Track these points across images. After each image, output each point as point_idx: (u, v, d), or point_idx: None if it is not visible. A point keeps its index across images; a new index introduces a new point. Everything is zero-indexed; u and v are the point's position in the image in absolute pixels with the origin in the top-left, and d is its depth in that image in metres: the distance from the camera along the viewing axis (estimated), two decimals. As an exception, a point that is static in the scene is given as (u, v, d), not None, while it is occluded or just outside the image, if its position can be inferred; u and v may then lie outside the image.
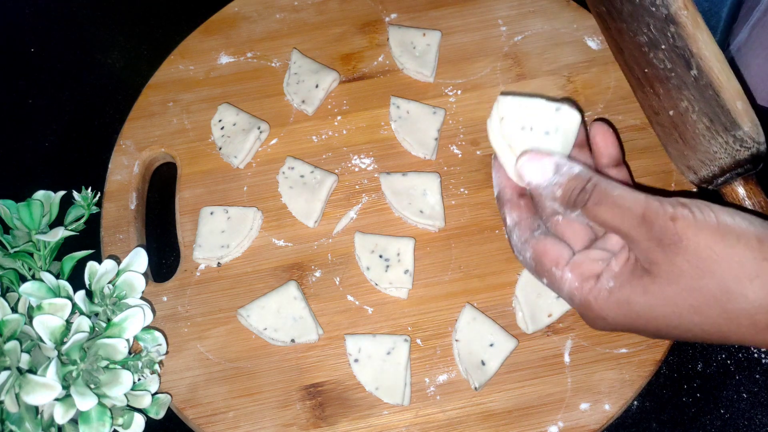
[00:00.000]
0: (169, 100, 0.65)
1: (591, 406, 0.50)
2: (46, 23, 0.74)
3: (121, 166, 0.62)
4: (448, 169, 0.60)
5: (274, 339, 0.53)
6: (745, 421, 0.51)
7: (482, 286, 0.55)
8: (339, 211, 0.59)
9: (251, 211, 0.58)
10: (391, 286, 0.54)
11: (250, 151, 0.61)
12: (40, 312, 0.47)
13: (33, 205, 0.55)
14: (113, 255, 0.57)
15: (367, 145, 0.61)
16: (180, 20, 0.70)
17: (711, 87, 0.47)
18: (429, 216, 0.57)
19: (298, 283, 0.55)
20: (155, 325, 0.55)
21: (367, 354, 0.52)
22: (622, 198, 0.38)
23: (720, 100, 0.47)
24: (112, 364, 0.47)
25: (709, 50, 0.47)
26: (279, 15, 0.68)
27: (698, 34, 0.48)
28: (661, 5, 0.48)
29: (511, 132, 0.44)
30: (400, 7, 0.68)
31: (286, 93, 0.64)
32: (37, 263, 0.54)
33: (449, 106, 0.62)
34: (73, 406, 0.45)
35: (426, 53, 0.64)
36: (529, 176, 0.41)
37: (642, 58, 0.51)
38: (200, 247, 0.57)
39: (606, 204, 0.38)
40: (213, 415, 0.52)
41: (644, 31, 0.50)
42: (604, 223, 0.39)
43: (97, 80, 0.70)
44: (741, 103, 0.47)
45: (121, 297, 0.51)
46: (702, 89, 0.48)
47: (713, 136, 0.49)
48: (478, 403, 0.51)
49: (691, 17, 0.47)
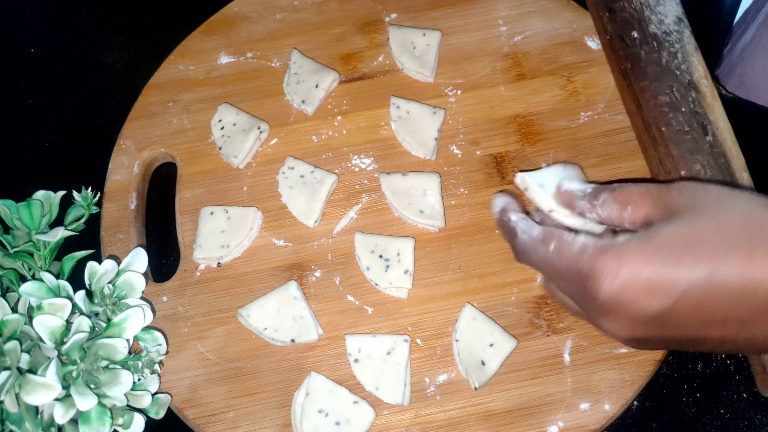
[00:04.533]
0: (169, 100, 0.65)
1: (591, 406, 0.50)
2: (46, 23, 0.74)
3: (121, 166, 0.62)
4: (448, 169, 0.60)
5: (274, 339, 0.53)
6: (745, 421, 0.51)
7: (482, 286, 0.55)
8: (339, 211, 0.59)
9: (251, 211, 0.58)
10: (391, 286, 0.54)
11: (250, 151, 0.61)
12: (40, 312, 0.47)
13: (33, 205, 0.55)
14: (113, 255, 0.57)
15: (367, 145, 0.61)
16: (180, 20, 0.70)
17: (724, 156, 0.49)
18: (429, 216, 0.57)
19: (298, 283, 0.55)
20: (155, 325, 0.55)
21: (367, 354, 0.52)
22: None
23: (731, 170, 0.50)
24: (112, 364, 0.47)
25: (723, 121, 0.50)
26: (279, 15, 0.68)
27: (715, 104, 0.50)
28: (686, 71, 0.50)
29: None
30: (400, 7, 0.68)
31: (286, 93, 0.64)
32: (37, 263, 0.54)
33: (449, 106, 0.62)
34: (73, 406, 0.45)
35: (426, 53, 0.64)
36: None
37: (661, 117, 0.53)
38: (200, 247, 0.57)
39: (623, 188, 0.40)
40: (213, 415, 0.52)
41: (666, 92, 0.52)
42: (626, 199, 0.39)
43: (97, 80, 0.70)
44: (746, 175, 0.50)
45: (121, 297, 0.51)
46: (716, 156, 0.50)
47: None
48: (478, 403, 0.51)
49: (710, 87, 0.50)
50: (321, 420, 0.49)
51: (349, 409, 0.50)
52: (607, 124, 0.61)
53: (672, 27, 0.51)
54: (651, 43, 0.52)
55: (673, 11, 0.52)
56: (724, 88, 0.64)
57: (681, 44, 0.51)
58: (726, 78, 0.67)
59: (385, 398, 0.51)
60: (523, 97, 0.62)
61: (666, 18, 0.51)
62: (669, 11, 0.52)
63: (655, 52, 0.52)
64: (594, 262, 0.37)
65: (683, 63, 0.50)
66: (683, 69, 0.50)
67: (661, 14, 0.52)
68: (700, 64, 0.50)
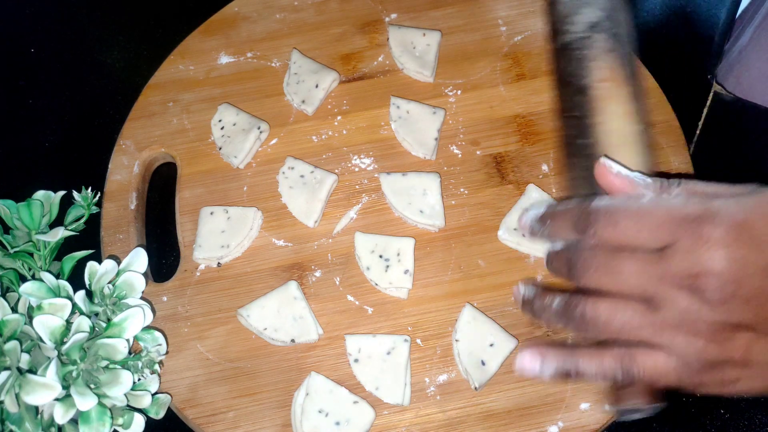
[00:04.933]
0: (169, 100, 0.65)
1: (591, 406, 0.50)
2: (46, 23, 0.74)
3: (121, 166, 0.62)
4: (448, 169, 0.60)
5: (274, 339, 0.53)
6: (745, 421, 0.51)
7: (482, 286, 0.55)
8: (339, 211, 0.59)
9: (251, 211, 0.58)
10: (391, 286, 0.54)
11: (250, 151, 0.61)
12: (40, 312, 0.47)
13: (33, 205, 0.55)
14: (113, 255, 0.57)
15: (367, 145, 0.61)
16: (180, 20, 0.70)
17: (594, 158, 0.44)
18: (429, 216, 0.57)
19: (298, 283, 0.55)
20: (155, 325, 0.55)
21: (367, 354, 0.52)
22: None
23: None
24: (112, 364, 0.47)
25: (614, 125, 0.46)
26: (279, 15, 0.68)
27: (608, 105, 0.46)
28: (579, 76, 0.48)
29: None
30: (400, 7, 0.68)
31: (286, 93, 0.64)
32: (37, 263, 0.54)
33: (449, 106, 0.62)
34: (73, 406, 0.45)
35: (426, 53, 0.64)
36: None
37: (562, 123, 0.50)
38: (200, 247, 0.57)
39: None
40: (213, 415, 0.52)
41: (564, 99, 0.50)
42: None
43: (97, 80, 0.70)
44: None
45: (121, 297, 0.51)
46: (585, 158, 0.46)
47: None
48: (478, 403, 0.51)
49: (607, 90, 0.47)
50: (321, 420, 0.49)
51: (349, 409, 0.50)
52: (607, 124, 0.60)
53: (580, 34, 0.50)
54: (558, 53, 0.51)
55: (588, 17, 0.50)
56: (724, 88, 0.65)
57: (585, 50, 0.49)
58: (725, 78, 0.67)
59: (385, 398, 0.51)
60: (523, 97, 0.62)
61: (576, 27, 0.50)
62: (583, 19, 0.50)
63: (561, 60, 0.51)
64: (706, 205, 0.36)
65: (579, 68, 0.48)
66: (577, 74, 0.48)
67: (572, 23, 0.50)
68: (604, 67, 0.48)
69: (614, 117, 0.46)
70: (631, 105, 0.46)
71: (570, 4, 0.51)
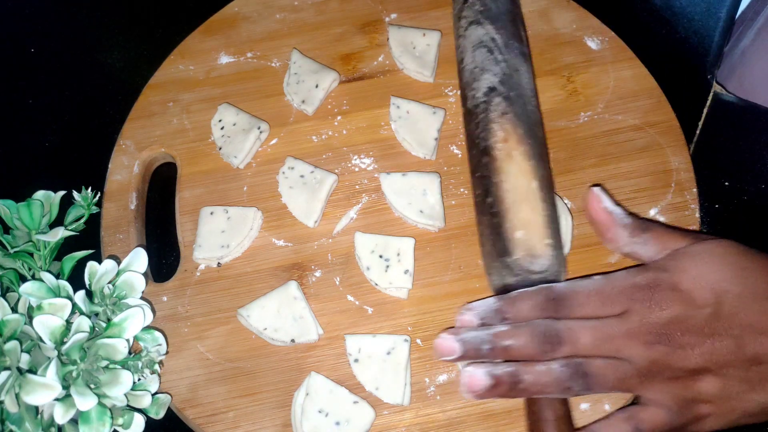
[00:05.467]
0: (169, 100, 0.65)
1: (591, 406, 0.50)
2: (46, 23, 0.74)
3: (121, 166, 0.62)
4: (448, 169, 0.60)
5: (274, 339, 0.53)
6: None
7: (482, 286, 0.55)
8: (339, 211, 0.59)
9: (251, 211, 0.58)
10: (391, 286, 0.54)
11: (250, 151, 0.61)
12: (40, 312, 0.47)
13: (33, 205, 0.55)
14: (113, 255, 0.57)
15: (367, 145, 0.61)
16: (180, 20, 0.70)
17: (498, 215, 0.50)
18: (429, 216, 0.57)
19: (298, 283, 0.55)
20: (155, 325, 0.55)
21: (367, 354, 0.52)
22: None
23: (501, 229, 0.50)
24: (112, 364, 0.47)
25: (512, 183, 0.50)
26: (279, 15, 0.68)
27: (506, 165, 0.51)
28: (483, 138, 0.53)
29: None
30: (400, 7, 0.68)
31: (286, 93, 0.64)
32: (37, 263, 0.54)
33: (449, 106, 0.62)
34: (73, 406, 0.45)
35: (426, 53, 0.64)
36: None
37: (471, 180, 0.55)
38: (200, 247, 0.57)
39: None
40: (213, 415, 0.52)
41: (471, 160, 0.55)
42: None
43: (97, 80, 0.70)
44: (522, 233, 0.49)
45: (121, 297, 0.51)
46: (493, 215, 0.51)
47: (490, 260, 0.51)
48: (478, 403, 0.51)
49: (505, 150, 0.51)
50: (321, 420, 0.50)
51: (349, 409, 0.50)
52: (607, 124, 0.61)
53: (481, 99, 0.54)
54: (466, 117, 0.57)
55: (486, 83, 0.55)
56: (724, 88, 0.65)
57: (486, 114, 0.53)
58: (726, 79, 0.67)
59: (385, 398, 0.51)
60: (523, 97, 0.62)
61: (478, 92, 0.55)
62: (482, 84, 0.55)
63: (469, 123, 0.56)
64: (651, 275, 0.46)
65: (483, 131, 0.53)
66: (482, 137, 0.53)
67: (474, 89, 0.55)
68: (501, 128, 0.52)
69: (511, 175, 0.51)
70: (527, 163, 0.51)
71: (472, 72, 0.57)
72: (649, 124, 0.60)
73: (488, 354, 0.44)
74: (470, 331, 0.45)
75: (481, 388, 0.43)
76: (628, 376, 0.44)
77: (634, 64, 0.63)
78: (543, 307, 0.45)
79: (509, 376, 0.43)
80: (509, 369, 0.44)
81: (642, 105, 0.61)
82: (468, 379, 0.44)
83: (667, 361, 0.43)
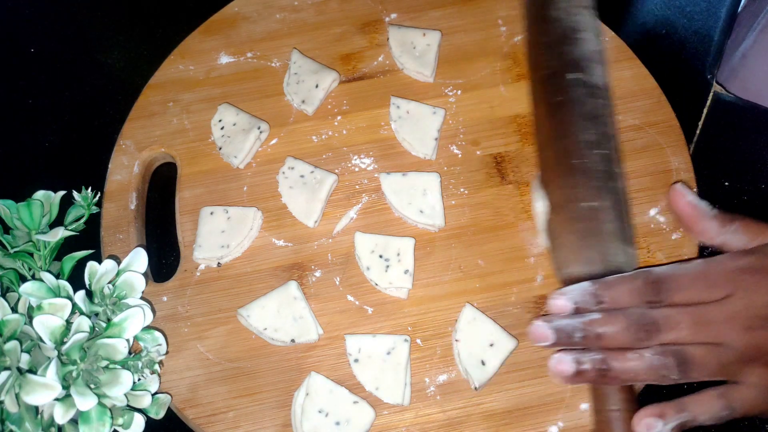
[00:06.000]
0: (169, 100, 0.65)
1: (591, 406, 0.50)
2: (46, 23, 0.74)
3: (121, 166, 0.62)
4: (448, 169, 0.60)
5: (274, 339, 0.53)
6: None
7: (482, 286, 0.55)
8: (339, 211, 0.59)
9: (251, 211, 0.58)
10: (391, 286, 0.54)
11: (250, 151, 0.61)
12: (40, 312, 0.47)
13: (33, 205, 0.55)
14: (113, 255, 0.57)
15: (367, 145, 0.61)
16: (180, 20, 0.70)
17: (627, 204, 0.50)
18: (429, 216, 0.57)
19: (298, 283, 0.55)
20: (155, 325, 0.55)
21: (367, 354, 0.52)
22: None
23: (628, 217, 0.49)
24: (112, 364, 0.47)
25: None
26: (279, 15, 0.68)
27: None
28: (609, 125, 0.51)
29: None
30: (400, 7, 0.68)
31: (286, 93, 0.64)
32: (37, 263, 0.54)
33: (449, 106, 0.62)
34: (73, 406, 0.45)
35: (426, 53, 0.64)
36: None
37: (578, 151, 0.51)
38: (200, 247, 0.57)
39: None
40: (213, 415, 0.52)
41: (591, 131, 0.52)
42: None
43: (97, 80, 0.70)
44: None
45: (121, 297, 0.51)
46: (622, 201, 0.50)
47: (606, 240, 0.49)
48: (478, 403, 0.51)
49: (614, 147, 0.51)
50: (321, 420, 0.50)
51: (349, 409, 0.50)
52: (607, 124, 0.61)
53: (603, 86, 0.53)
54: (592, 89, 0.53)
55: (603, 76, 0.54)
56: (726, 89, 0.65)
57: (606, 101, 0.53)
58: (727, 80, 0.67)
59: (385, 398, 0.51)
60: (523, 97, 0.62)
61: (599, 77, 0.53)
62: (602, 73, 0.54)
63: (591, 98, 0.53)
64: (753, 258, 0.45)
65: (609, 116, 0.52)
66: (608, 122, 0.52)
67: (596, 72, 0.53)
68: (615, 122, 0.52)
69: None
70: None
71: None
72: (649, 124, 0.60)
73: (581, 342, 0.43)
74: (563, 319, 0.43)
75: (567, 374, 0.43)
76: (730, 362, 0.43)
77: (634, 64, 0.63)
78: (642, 291, 0.44)
79: (597, 363, 0.43)
80: (597, 357, 0.43)
81: (642, 105, 0.61)
82: (555, 365, 0.43)
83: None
